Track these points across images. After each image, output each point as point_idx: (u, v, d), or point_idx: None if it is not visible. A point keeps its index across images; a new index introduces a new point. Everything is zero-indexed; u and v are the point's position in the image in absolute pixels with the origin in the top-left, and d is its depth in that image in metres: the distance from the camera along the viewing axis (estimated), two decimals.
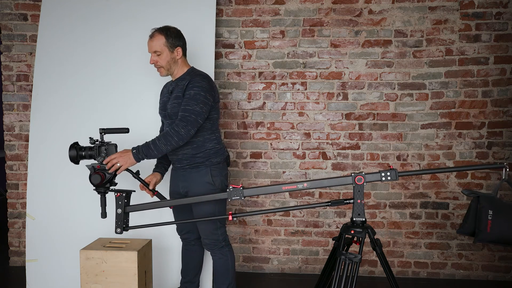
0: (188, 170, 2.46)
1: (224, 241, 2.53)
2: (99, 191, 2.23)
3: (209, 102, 2.36)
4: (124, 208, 2.22)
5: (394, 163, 3.28)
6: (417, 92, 3.24)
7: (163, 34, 2.39)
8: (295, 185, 2.06)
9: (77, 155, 2.22)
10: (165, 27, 2.44)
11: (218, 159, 2.49)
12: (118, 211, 2.21)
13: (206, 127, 2.44)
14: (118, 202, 2.21)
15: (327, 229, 3.36)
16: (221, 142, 2.56)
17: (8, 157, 3.41)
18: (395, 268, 3.33)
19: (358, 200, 1.96)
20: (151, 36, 2.42)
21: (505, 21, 3.16)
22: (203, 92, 2.33)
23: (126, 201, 2.24)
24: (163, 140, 2.25)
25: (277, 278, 3.33)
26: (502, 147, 3.22)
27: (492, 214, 1.83)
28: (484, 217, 1.85)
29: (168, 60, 2.41)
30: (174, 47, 2.41)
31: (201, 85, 2.35)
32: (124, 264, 2.39)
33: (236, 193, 2.11)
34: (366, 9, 3.23)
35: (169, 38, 2.40)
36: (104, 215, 2.27)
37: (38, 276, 2.97)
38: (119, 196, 2.21)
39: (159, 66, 2.44)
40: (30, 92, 3.33)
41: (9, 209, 3.44)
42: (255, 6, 3.28)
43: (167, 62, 2.42)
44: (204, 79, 2.40)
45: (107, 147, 2.21)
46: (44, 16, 3.11)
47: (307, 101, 3.31)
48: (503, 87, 3.19)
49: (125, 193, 2.23)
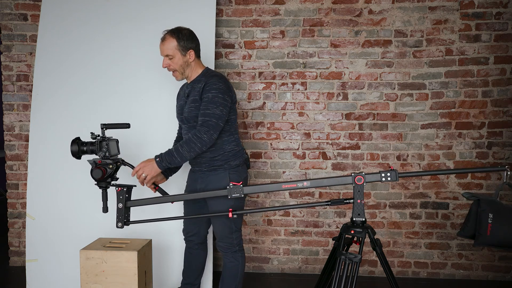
0: (206, 173, 2.42)
1: (238, 245, 2.49)
2: (100, 185, 2.24)
3: (227, 103, 2.31)
4: (125, 202, 2.23)
5: (394, 163, 3.28)
6: (417, 92, 3.24)
7: (174, 37, 2.32)
8: (295, 184, 2.07)
9: (79, 150, 2.23)
10: (177, 29, 2.37)
11: (237, 161, 2.43)
12: (119, 205, 2.22)
13: (225, 129, 2.38)
14: (119, 197, 2.22)
15: (327, 229, 3.36)
16: (239, 144, 2.50)
17: (8, 157, 3.41)
18: (395, 268, 3.33)
19: (358, 200, 1.96)
20: (163, 39, 2.35)
21: (505, 21, 3.16)
22: (221, 94, 2.28)
23: (127, 195, 2.25)
24: (186, 147, 2.23)
25: (277, 278, 3.33)
26: (502, 147, 3.22)
27: (493, 217, 1.84)
28: (484, 221, 1.85)
29: (181, 63, 2.36)
30: (187, 50, 2.34)
31: (218, 87, 2.29)
32: (124, 264, 2.39)
33: (236, 190, 2.12)
34: (366, 9, 3.23)
35: (181, 41, 2.33)
36: (105, 210, 2.28)
37: (38, 276, 2.97)
38: (120, 190, 2.22)
39: (172, 69, 2.39)
40: (30, 92, 3.33)
41: (9, 209, 3.44)
42: (255, 6, 3.28)
43: (180, 66, 2.36)
44: (220, 80, 2.33)
45: (108, 142, 2.22)
46: (44, 16, 3.12)
47: (307, 101, 3.31)
48: (503, 87, 3.19)
49: (126, 188, 2.24)
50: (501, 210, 1.86)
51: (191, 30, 2.41)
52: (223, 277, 2.54)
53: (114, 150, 2.27)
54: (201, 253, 2.70)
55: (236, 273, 2.49)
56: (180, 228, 2.79)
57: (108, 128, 2.26)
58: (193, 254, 2.69)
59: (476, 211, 1.89)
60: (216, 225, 2.48)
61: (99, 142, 2.22)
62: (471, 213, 1.92)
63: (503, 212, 1.85)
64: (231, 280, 2.50)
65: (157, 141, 2.91)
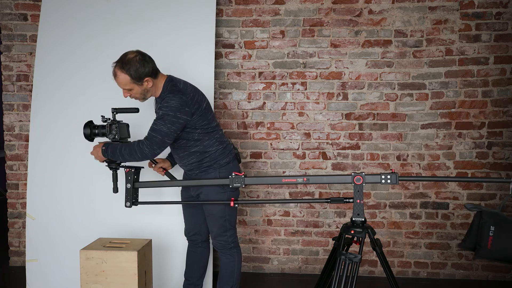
0: (198, 174, 2.48)
1: (233, 242, 2.56)
2: (111, 167, 2.36)
3: (179, 120, 2.25)
4: (133, 183, 2.32)
5: (394, 163, 3.28)
6: (417, 92, 3.24)
7: (125, 72, 2.24)
8: (295, 179, 2.09)
9: (91, 133, 2.35)
10: (124, 61, 2.26)
11: (227, 159, 2.47)
12: (127, 185, 2.31)
13: (201, 136, 2.39)
14: (127, 177, 2.32)
15: (327, 229, 3.36)
16: (224, 141, 2.51)
17: (8, 157, 3.41)
18: (395, 268, 3.33)
19: (357, 200, 1.97)
20: (114, 75, 2.29)
21: (505, 21, 3.16)
22: (172, 111, 2.23)
23: (136, 177, 2.34)
24: (127, 151, 2.26)
25: (277, 278, 3.33)
26: (502, 147, 3.22)
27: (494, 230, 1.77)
28: (485, 233, 1.79)
29: (141, 92, 2.33)
30: (142, 80, 2.27)
31: (170, 105, 2.24)
32: (124, 264, 2.39)
33: (237, 180, 2.16)
34: (366, 9, 3.23)
35: (133, 74, 2.24)
36: (115, 190, 2.39)
37: (38, 276, 2.97)
38: (129, 171, 2.32)
39: (134, 98, 2.38)
40: (30, 92, 3.33)
41: (9, 209, 3.44)
42: (255, 6, 3.28)
43: (140, 94, 2.34)
44: (174, 97, 2.27)
45: (117, 125, 2.33)
46: (44, 16, 3.12)
47: (307, 101, 3.31)
48: (503, 87, 3.19)
49: (134, 169, 2.33)
50: (504, 223, 1.78)
51: (139, 54, 2.29)
52: (220, 275, 2.58)
53: (124, 133, 2.38)
54: (204, 251, 2.74)
55: (232, 269, 2.54)
56: (180, 229, 2.80)
57: (118, 112, 2.35)
58: (197, 252, 2.71)
59: (478, 223, 1.83)
60: (211, 224, 2.54)
61: (109, 125, 2.32)
62: (473, 225, 1.85)
63: (506, 225, 1.78)
64: (229, 277, 2.54)
65: None
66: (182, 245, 2.86)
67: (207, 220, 2.56)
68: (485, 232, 1.79)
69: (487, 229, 1.79)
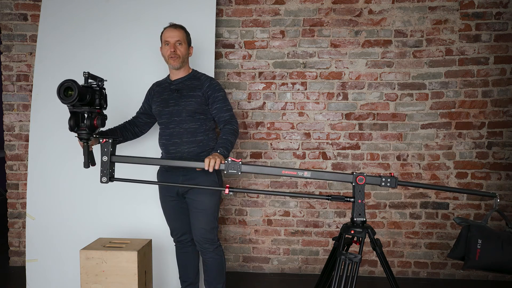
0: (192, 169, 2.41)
1: (218, 239, 2.58)
2: (81, 137, 2.05)
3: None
4: (110, 157, 2.05)
5: (394, 163, 3.28)
6: (417, 92, 3.24)
7: (183, 30, 2.52)
8: (295, 172, 2.04)
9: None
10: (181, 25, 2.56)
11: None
12: (103, 158, 2.04)
13: (211, 127, 2.54)
14: (103, 149, 2.04)
15: (327, 229, 3.36)
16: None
17: (8, 157, 3.41)
18: (395, 268, 3.33)
19: (358, 200, 1.96)
20: (175, 26, 2.50)
21: (505, 21, 3.16)
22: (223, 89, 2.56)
23: (112, 149, 2.07)
24: (235, 136, 2.41)
25: (277, 278, 3.33)
26: (502, 147, 3.22)
27: (481, 243, 1.89)
28: (473, 246, 1.90)
29: (185, 54, 2.50)
30: (189, 45, 2.56)
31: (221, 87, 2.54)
32: (124, 264, 2.39)
33: (233, 166, 2.02)
34: (366, 9, 3.23)
35: (187, 35, 2.54)
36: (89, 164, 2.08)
37: (38, 276, 2.97)
38: (105, 142, 2.05)
39: (177, 55, 2.46)
40: (30, 92, 3.33)
41: (9, 209, 3.44)
42: (255, 6, 3.28)
43: (184, 55, 2.49)
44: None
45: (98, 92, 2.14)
46: (44, 16, 3.11)
47: (307, 101, 3.31)
48: (503, 87, 3.19)
49: (111, 140, 2.07)
50: (490, 236, 1.91)
51: None
52: (210, 275, 2.55)
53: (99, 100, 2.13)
54: (195, 249, 2.67)
55: (221, 268, 2.55)
56: None
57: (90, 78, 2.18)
58: (189, 252, 2.67)
59: (466, 236, 1.95)
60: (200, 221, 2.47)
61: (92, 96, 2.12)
62: (461, 237, 1.98)
63: (492, 237, 1.90)
64: (220, 275, 2.55)
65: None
66: None
67: (197, 217, 2.48)
68: (473, 244, 1.90)
69: (475, 242, 1.90)
